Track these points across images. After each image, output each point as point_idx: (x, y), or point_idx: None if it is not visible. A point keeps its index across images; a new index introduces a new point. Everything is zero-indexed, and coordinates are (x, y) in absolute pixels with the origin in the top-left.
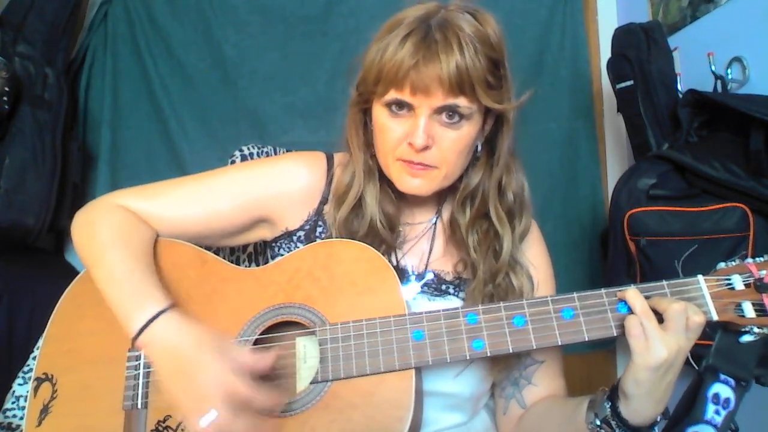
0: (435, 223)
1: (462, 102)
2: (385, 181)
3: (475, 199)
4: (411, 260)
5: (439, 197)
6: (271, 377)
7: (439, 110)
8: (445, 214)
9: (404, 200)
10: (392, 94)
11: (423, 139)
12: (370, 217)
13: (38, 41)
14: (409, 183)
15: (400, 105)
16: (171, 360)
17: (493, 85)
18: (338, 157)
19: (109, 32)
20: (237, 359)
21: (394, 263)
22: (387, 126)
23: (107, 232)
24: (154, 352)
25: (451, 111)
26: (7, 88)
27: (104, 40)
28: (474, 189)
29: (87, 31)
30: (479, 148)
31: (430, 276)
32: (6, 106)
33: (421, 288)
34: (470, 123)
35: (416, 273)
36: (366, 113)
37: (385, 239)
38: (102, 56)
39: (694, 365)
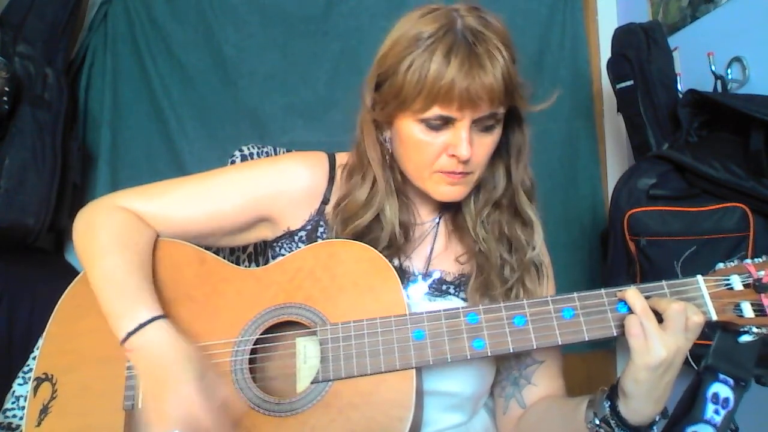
0: (438, 223)
1: (501, 110)
2: (401, 193)
3: (480, 189)
4: (415, 260)
5: None
6: (271, 377)
7: (479, 119)
8: (447, 212)
9: (412, 202)
10: (436, 111)
11: (468, 151)
12: (390, 229)
13: (38, 41)
14: (448, 192)
15: (441, 119)
16: (152, 369)
17: (522, 85)
18: (340, 158)
19: (109, 32)
20: (213, 388)
21: (398, 264)
22: (424, 141)
23: (106, 235)
24: (139, 358)
25: (490, 118)
26: (7, 88)
27: (104, 40)
28: (483, 180)
29: (87, 31)
30: None
31: (437, 275)
32: (6, 106)
33: (429, 287)
34: (500, 126)
35: (421, 273)
36: (378, 127)
37: (401, 247)
38: (102, 56)
39: (694, 365)
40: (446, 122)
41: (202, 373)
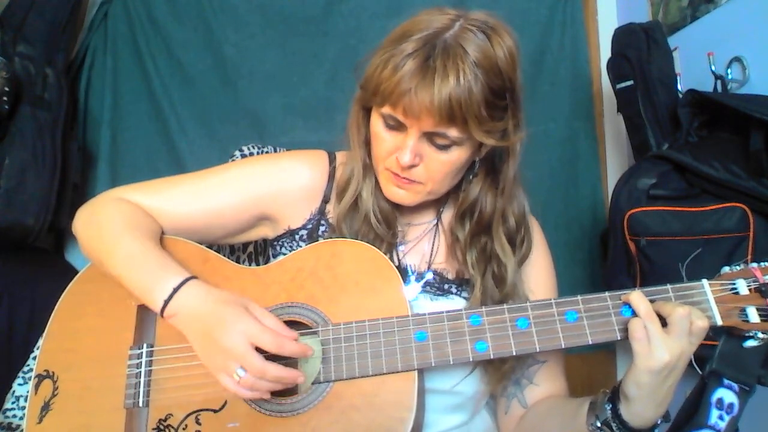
0: (436, 225)
1: (452, 132)
2: None
3: (474, 214)
4: (412, 260)
5: (438, 199)
6: None
7: (429, 134)
8: (445, 217)
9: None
10: (387, 109)
11: (409, 158)
12: (365, 211)
13: (38, 41)
14: (394, 192)
15: (394, 120)
16: (198, 325)
17: (491, 117)
18: (340, 156)
19: (109, 32)
20: (261, 316)
21: (395, 263)
22: (380, 136)
23: (117, 220)
24: (181, 321)
25: (441, 137)
26: (7, 88)
27: (104, 40)
28: (473, 203)
29: (87, 31)
30: (477, 164)
31: (429, 276)
32: (6, 106)
33: (422, 288)
34: (461, 148)
35: (416, 273)
36: (368, 111)
37: (381, 235)
38: (102, 56)
39: (697, 369)
40: (400, 125)
41: (245, 304)
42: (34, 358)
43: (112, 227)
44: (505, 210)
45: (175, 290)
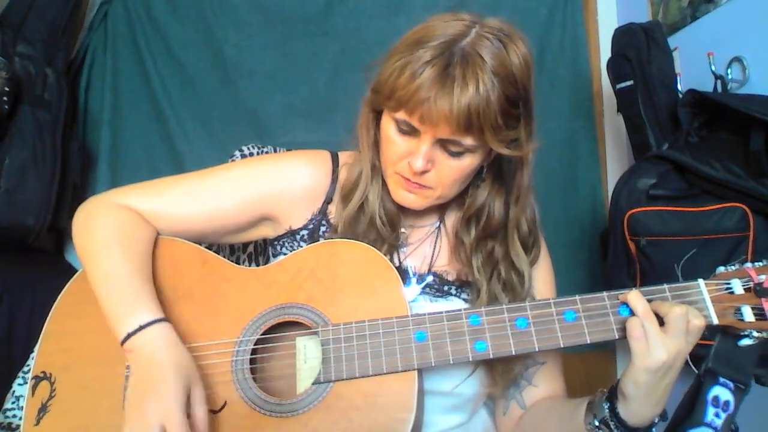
0: (438, 227)
1: (467, 141)
2: None
3: (480, 219)
4: (413, 262)
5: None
6: (272, 377)
7: (443, 141)
8: (448, 220)
9: None
10: (402, 115)
11: (422, 164)
12: (371, 214)
13: (38, 41)
14: (403, 196)
15: (408, 126)
16: (144, 369)
17: (506, 126)
18: (343, 157)
19: (109, 32)
20: (195, 405)
21: (396, 264)
22: (392, 140)
23: (107, 233)
24: (134, 359)
25: (455, 144)
26: (7, 88)
27: (104, 40)
28: (480, 208)
29: (87, 31)
30: (485, 170)
31: (430, 279)
32: (6, 106)
33: (422, 290)
34: (473, 155)
35: (417, 274)
36: (378, 114)
37: (383, 237)
38: (102, 56)
39: (693, 367)
40: (413, 130)
41: (188, 386)
42: (34, 358)
43: (99, 239)
44: (519, 217)
45: (141, 327)
